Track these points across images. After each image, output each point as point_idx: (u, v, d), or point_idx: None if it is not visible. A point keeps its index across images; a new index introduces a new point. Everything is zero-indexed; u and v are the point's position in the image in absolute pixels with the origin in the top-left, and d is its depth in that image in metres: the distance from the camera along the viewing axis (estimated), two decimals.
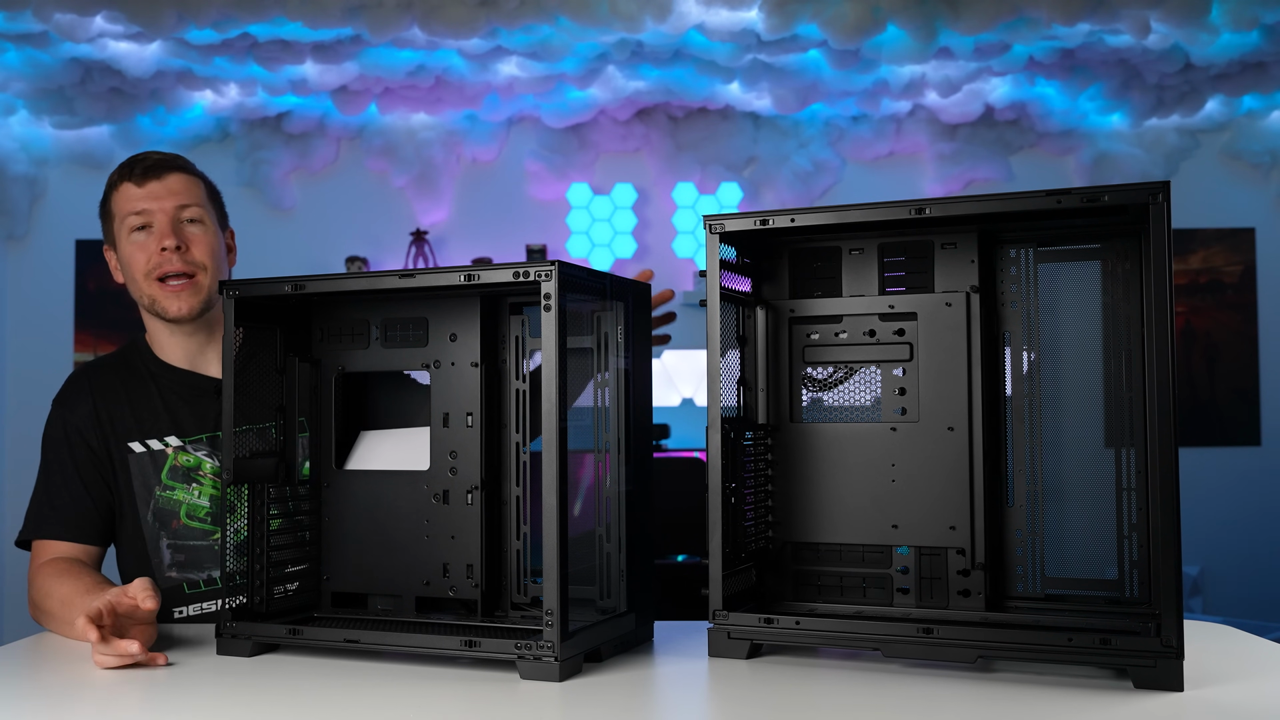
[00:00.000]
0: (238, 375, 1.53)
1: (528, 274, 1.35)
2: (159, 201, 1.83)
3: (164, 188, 1.84)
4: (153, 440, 1.84)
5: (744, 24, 4.10)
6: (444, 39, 4.13)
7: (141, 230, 1.83)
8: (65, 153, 5.12)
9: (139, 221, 1.83)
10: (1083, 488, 1.43)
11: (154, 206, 1.83)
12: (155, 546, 1.81)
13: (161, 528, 1.81)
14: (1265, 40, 4.38)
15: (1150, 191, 1.25)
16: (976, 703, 1.21)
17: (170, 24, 3.89)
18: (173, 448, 1.83)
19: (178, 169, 1.87)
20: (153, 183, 1.84)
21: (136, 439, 1.83)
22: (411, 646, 1.40)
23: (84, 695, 1.34)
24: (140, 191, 1.83)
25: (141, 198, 1.83)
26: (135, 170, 1.84)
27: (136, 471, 1.82)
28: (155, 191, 1.83)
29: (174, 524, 1.81)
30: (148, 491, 1.82)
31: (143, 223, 1.83)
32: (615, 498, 1.48)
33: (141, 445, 1.83)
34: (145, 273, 1.83)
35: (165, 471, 1.82)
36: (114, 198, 1.87)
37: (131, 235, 1.84)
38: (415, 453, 1.57)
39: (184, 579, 1.81)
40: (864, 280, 1.53)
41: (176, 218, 1.83)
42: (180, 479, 1.83)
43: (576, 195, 5.18)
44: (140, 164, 1.85)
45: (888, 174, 5.24)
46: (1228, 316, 5.19)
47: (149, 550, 1.81)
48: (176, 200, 1.84)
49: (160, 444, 1.84)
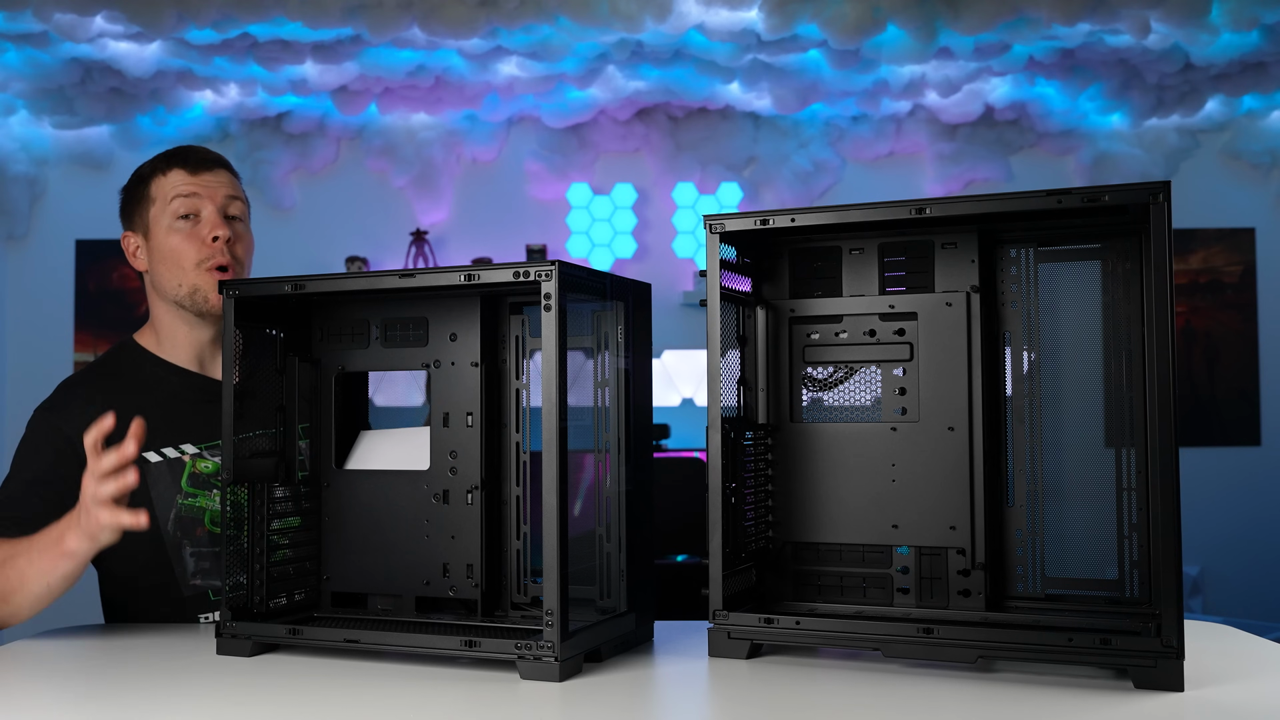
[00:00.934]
0: (247, 380, 1.53)
1: (528, 274, 1.35)
2: (210, 190, 1.83)
3: (216, 180, 1.85)
4: (168, 449, 1.80)
5: (744, 24, 4.10)
6: (444, 39, 4.13)
7: (187, 219, 1.82)
8: (65, 153, 5.12)
9: (186, 208, 1.82)
10: (1083, 487, 1.43)
11: (205, 194, 1.83)
12: (178, 555, 1.76)
13: (185, 536, 1.77)
14: (1265, 40, 4.38)
15: (1150, 191, 1.25)
16: (976, 703, 1.21)
17: (170, 24, 3.89)
18: (189, 455, 1.80)
19: (225, 166, 1.89)
20: (206, 174, 1.84)
21: (152, 448, 1.78)
22: (411, 646, 1.40)
23: (84, 695, 1.34)
24: (194, 179, 1.83)
25: (193, 184, 1.82)
26: (189, 159, 1.85)
27: (154, 481, 1.77)
28: (208, 182, 1.84)
29: (198, 531, 1.78)
30: (168, 500, 1.77)
31: (190, 210, 1.82)
32: (615, 498, 1.48)
33: (158, 454, 1.78)
34: (198, 261, 1.80)
35: (185, 479, 1.79)
36: (158, 182, 1.84)
37: (175, 222, 1.82)
38: (415, 453, 1.57)
39: (209, 586, 1.77)
40: (864, 280, 1.53)
41: (224, 209, 1.84)
42: (201, 485, 1.79)
43: (576, 195, 5.18)
44: (193, 154, 1.86)
45: (888, 174, 5.24)
46: (1228, 316, 5.19)
47: (171, 560, 1.76)
48: (226, 191, 1.85)
49: (176, 452, 1.80)
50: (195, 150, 1.88)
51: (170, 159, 1.86)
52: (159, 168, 1.86)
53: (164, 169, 1.85)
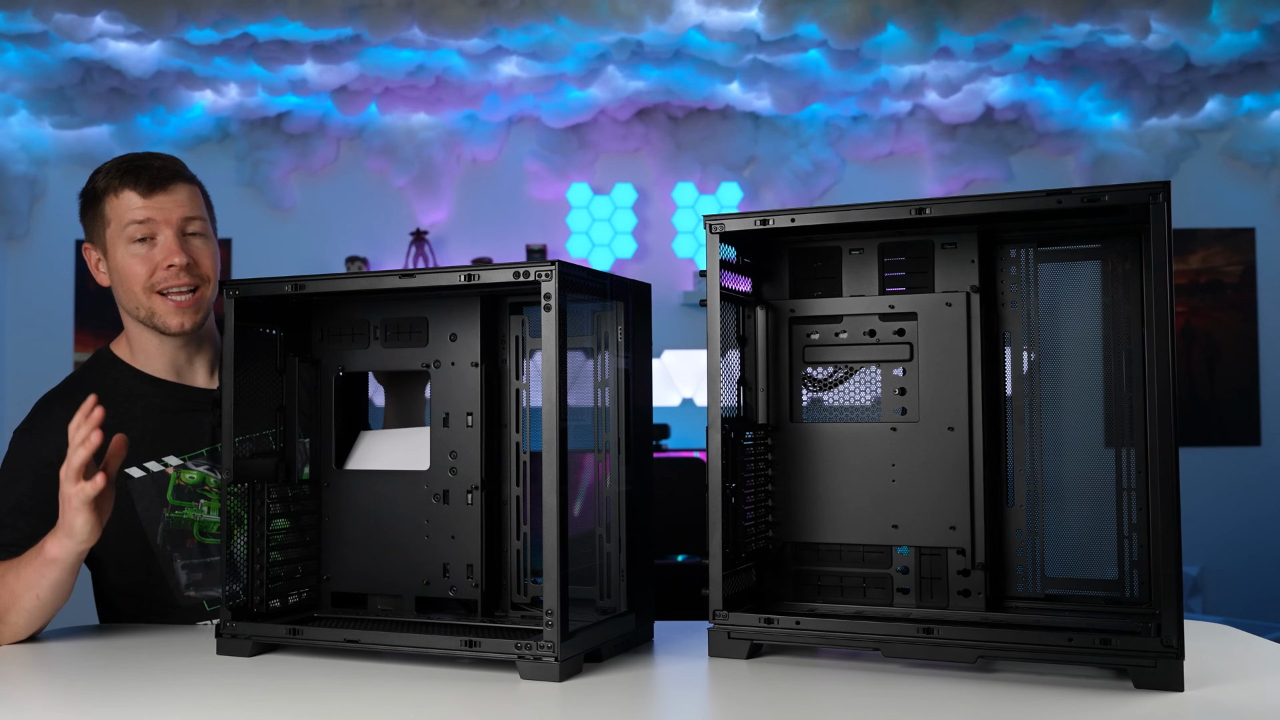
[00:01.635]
0: (241, 382, 1.53)
1: (528, 274, 1.35)
2: (165, 213, 1.76)
3: (170, 200, 1.77)
4: (150, 463, 1.77)
5: (744, 24, 4.10)
6: (444, 39, 4.13)
7: (143, 242, 1.75)
8: (65, 153, 5.12)
9: (141, 232, 1.75)
10: (1083, 488, 1.43)
11: (160, 218, 1.75)
12: (169, 568, 1.76)
13: (174, 549, 1.76)
14: (1265, 40, 4.38)
15: (1150, 191, 1.25)
16: (976, 703, 1.21)
17: (170, 24, 3.89)
18: (173, 467, 1.78)
19: (181, 178, 1.80)
20: (159, 195, 1.76)
21: (133, 464, 1.76)
22: (411, 646, 1.40)
23: (84, 695, 1.34)
24: (146, 202, 1.75)
25: (147, 209, 1.75)
26: (141, 179, 1.76)
27: (139, 496, 1.75)
28: (162, 204, 1.76)
29: (188, 543, 1.77)
30: (154, 515, 1.76)
31: (145, 234, 1.75)
32: (615, 498, 1.48)
33: (140, 469, 1.77)
34: (146, 286, 1.75)
35: (170, 491, 1.77)
36: (111, 203, 1.77)
37: (131, 246, 1.75)
38: (415, 453, 1.57)
39: (203, 597, 1.77)
40: (864, 280, 1.53)
41: (181, 230, 1.77)
42: (187, 497, 1.78)
43: (576, 195, 5.18)
44: (144, 172, 1.77)
45: (888, 174, 5.24)
46: (1228, 316, 5.19)
47: (163, 573, 1.76)
48: (182, 212, 1.77)
49: (159, 465, 1.78)
50: (149, 166, 1.78)
51: (124, 176, 1.77)
52: (112, 185, 1.77)
53: (116, 188, 1.77)
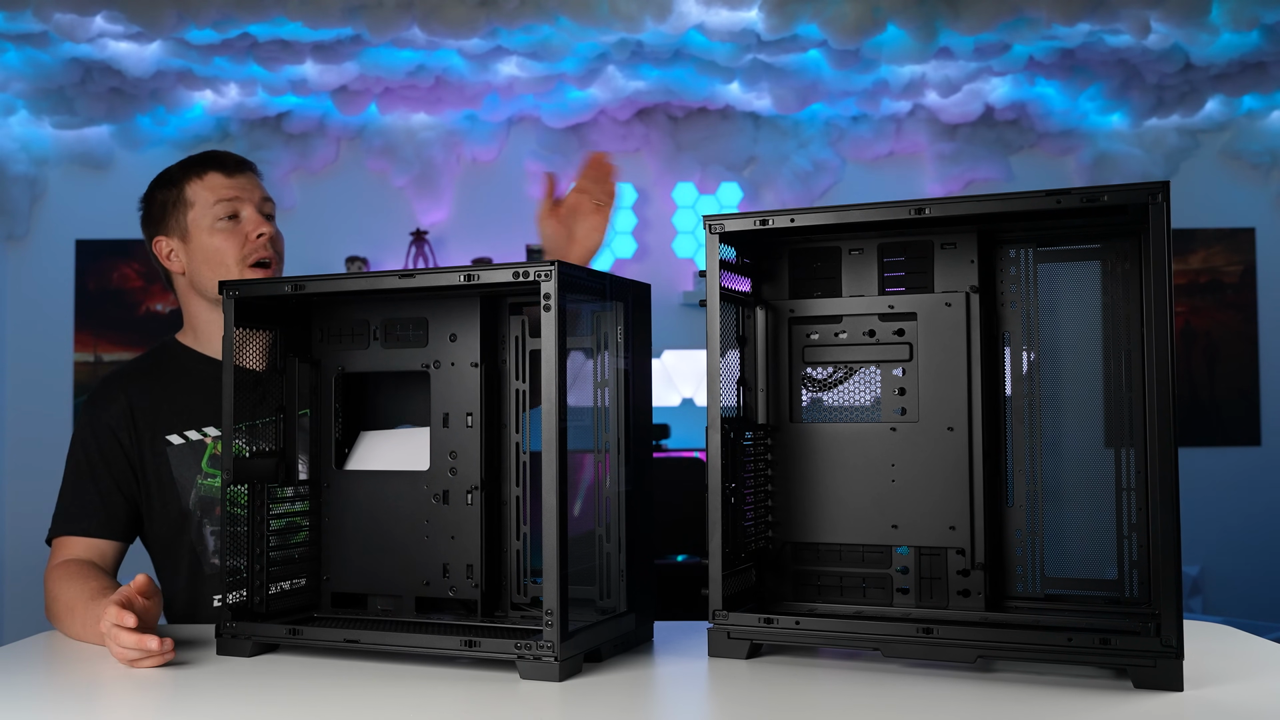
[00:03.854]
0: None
1: (527, 274, 1.35)
2: (248, 192, 1.93)
3: (250, 182, 1.95)
4: (191, 431, 1.87)
5: (744, 24, 4.10)
6: (444, 39, 4.13)
7: (230, 219, 1.90)
8: (65, 153, 5.12)
9: (228, 210, 1.90)
10: (1083, 488, 1.43)
11: (244, 196, 1.92)
12: (200, 535, 1.84)
13: (205, 515, 1.85)
14: (1265, 40, 4.38)
15: (1150, 191, 1.25)
16: (976, 703, 1.21)
17: (170, 24, 3.89)
18: (211, 437, 1.87)
19: (255, 169, 1.99)
20: (240, 176, 1.94)
21: (175, 431, 1.87)
22: (411, 646, 1.40)
23: (84, 695, 1.34)
24: (230, 181, 1.92)
25: (231, 187, 1.92)
26: (225, 162, 1.94)
27: (177, 463, 1.85)
28: (243, 184, 1.94)
29: (218, 510, 1.83)
30: (189, 481, 1.85)
31: (231, 211, 1.91)
32: (615, 498, 1.48)
33: (180, 437, 1.87)
34: (239, 259, 1.89)
35: (205, 460, 1.86)
36: (194, 186, 1.92)
37: (218, 223, 1.90)
38: (415, 453, 1.57)
39: None
40: (864, 280, 1.53)
41: (261, 209, 1.94)
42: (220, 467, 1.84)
43: None
44: (225, 156, 1.96)
45: (888, 174, 5.24)
46: (1228, 316, 5.19)
47: (193, 539, 1.84)
48: (260, 194, 1.96)
49: (199, 434, 1.87)
50: (227, 154, 1.98)
51: (205, 163, 1.95)
52: (193, 171, 1.94)
53: (199, 173, 1.94)
